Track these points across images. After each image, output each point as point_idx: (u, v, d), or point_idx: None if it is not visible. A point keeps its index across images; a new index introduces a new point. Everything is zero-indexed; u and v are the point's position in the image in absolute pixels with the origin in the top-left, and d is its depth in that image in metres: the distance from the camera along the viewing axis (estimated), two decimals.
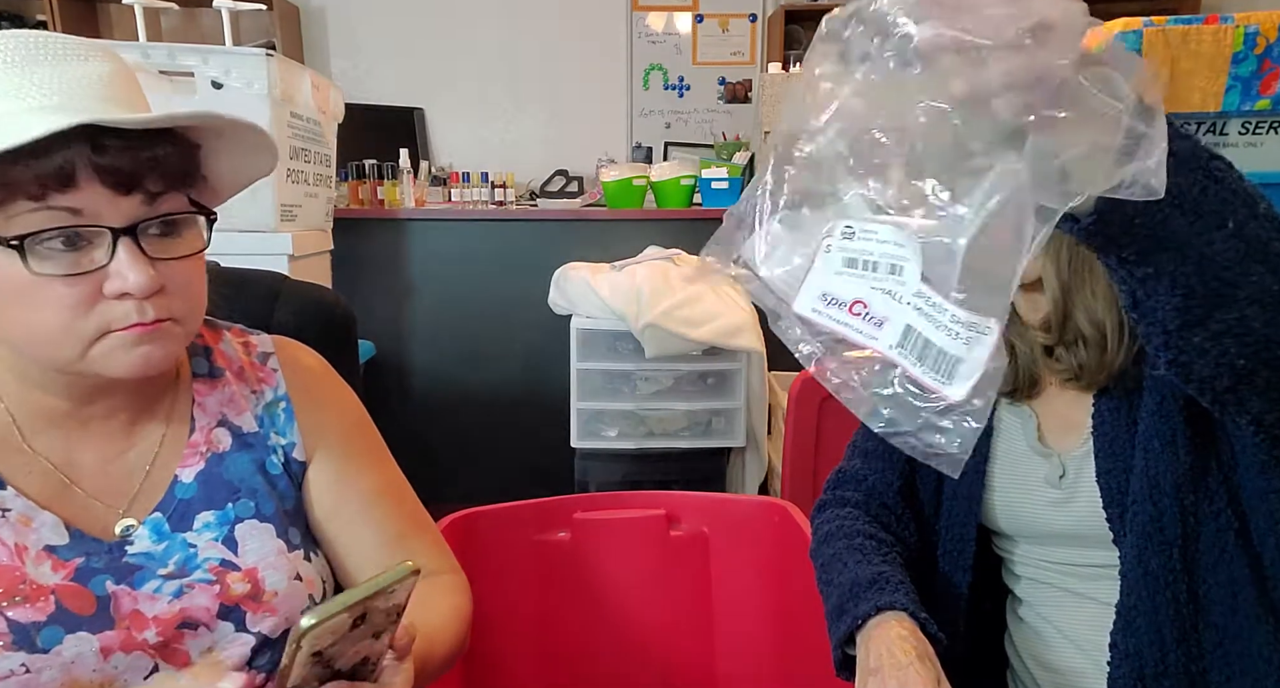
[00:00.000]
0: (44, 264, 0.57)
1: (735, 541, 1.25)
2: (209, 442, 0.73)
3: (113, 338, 0.61)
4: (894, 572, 0.80)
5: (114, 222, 0.59)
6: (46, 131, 0.53)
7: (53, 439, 0.67)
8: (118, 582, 0.65)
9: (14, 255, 0.56)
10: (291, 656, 0.50)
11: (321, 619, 0.49)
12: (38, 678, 0.60)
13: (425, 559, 0.79)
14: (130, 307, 0.60)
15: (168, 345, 0.64)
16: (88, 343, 0.60)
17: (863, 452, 0.95)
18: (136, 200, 0.60)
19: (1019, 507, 0.83)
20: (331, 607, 0.49)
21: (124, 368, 0.62)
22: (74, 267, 0.58)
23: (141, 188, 0.60)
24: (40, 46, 0.60)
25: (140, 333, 0.61)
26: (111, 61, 0.64)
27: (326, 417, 0.80)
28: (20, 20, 3.47)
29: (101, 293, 0.59)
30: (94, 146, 0.56)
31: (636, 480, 2.30)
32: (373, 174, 2.82)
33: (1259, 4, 1.79)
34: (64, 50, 0.60)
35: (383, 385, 2.69)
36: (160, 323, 0.62)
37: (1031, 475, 0.83)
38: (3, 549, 0.62)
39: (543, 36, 3.86)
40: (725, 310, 2.21)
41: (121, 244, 0.59)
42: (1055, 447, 0.82)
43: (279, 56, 1.82)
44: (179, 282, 0.63)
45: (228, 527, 0.70)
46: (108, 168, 0.57)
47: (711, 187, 2.70)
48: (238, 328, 0.81)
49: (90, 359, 0.61)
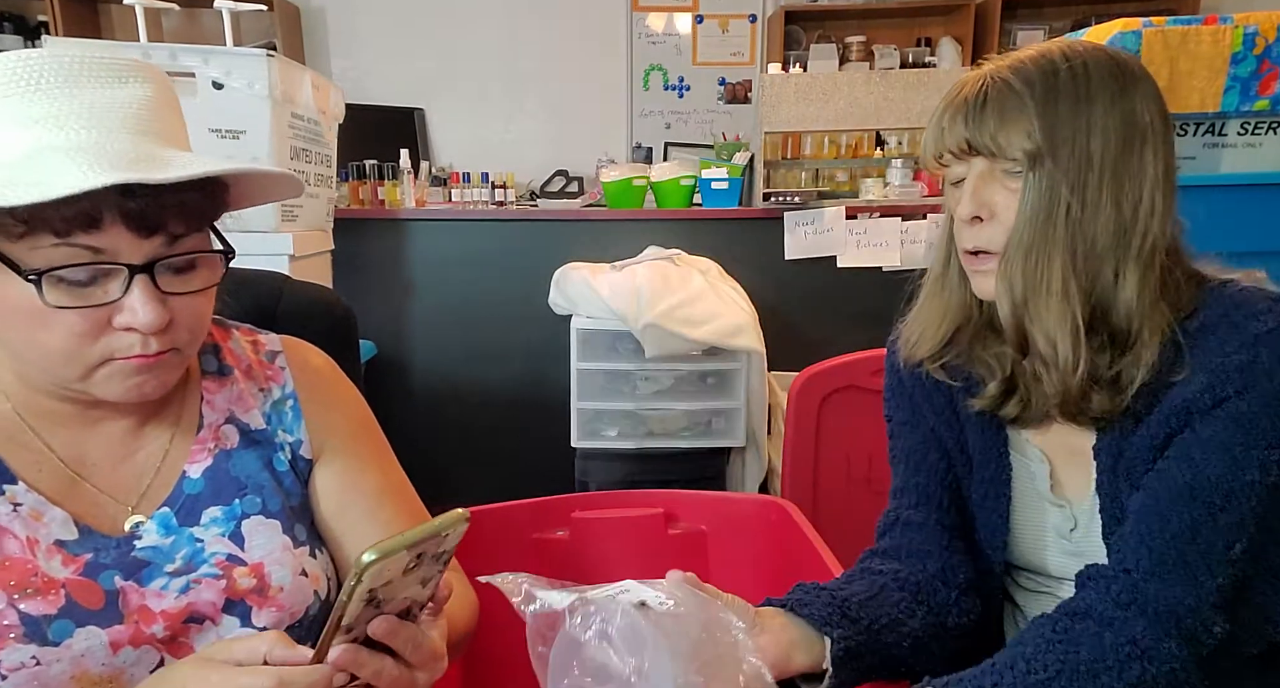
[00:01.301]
0: (58, 296, 0.58)
1: (734, 539, 1.25)
2: (217, 438, 0.74)
3: (114, 365, 0.62)
4: (842, 586, 0.78)
5: (132, 260, 0.59)
6: (79, 189, 0.53)
7: (63, 436, 0.68)
8: (126, 577, 0.66)
9: (27, 285, 0.57)
10: (350, 591, 0.50)
11: (384, 554, 0.49)
12: (48, 671, 0.60)
13: None
14: (135, 339, 0.61)
15: (163, 376, 0.65)
16: (90, 368, 0.62)
17: (894, 492, 0.92)
18: (157, 242, 0.61)
19: (1034, 554, 0.83)
20: (394, 544, 0.49)
21: (119, 394, 0.64)
22: (87, 299, 0.59)
23: (165, 230, 0.60)
24: (81, 68, 0.60)
25: (140, 364, 0.62)
26: (152, 83, 0.64)
27: (334, 416, 0.80)
28: (21, 20, 3.47)
29: (110, 323, 0.61)
30: (123, 191, 0.56)
31: (637, 480, 2.31)
32: (373, 174, 2.83)
33: (1258, 4, 1.79)
34: (105, 72, 0.61)
35: (383, 385, 2.70)
36: (162, 354, 0.63)
37: (1046, 523, 0.82)
38: (15, 543, 0.63)
39: (543, 37, 3.87)
40: (725, 310, 2.21)
41: (137, 281, 0.60)
42: (1067, 495, 0.81)
43: (279, 57, 1.83)
44: (187, 314, 0.64)
45: (234, 522, 0.71)
46: (134, 213, 0.58)
47: (711, 187, 2.70)
48: (246, 327, 0.82)
49: (90, 382, 0.63)
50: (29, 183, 0.54)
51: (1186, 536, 0.68)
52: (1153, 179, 0.70)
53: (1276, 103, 1.62)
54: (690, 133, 4.02)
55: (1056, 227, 0.70)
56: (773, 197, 2.69)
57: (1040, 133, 0.69)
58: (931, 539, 0.85)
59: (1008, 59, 0.74)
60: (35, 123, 0.58)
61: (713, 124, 4.00)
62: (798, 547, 1.12)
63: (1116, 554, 0.71)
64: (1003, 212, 0.73)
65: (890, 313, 0.94)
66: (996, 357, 0.80)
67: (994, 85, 0.72)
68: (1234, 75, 1.61)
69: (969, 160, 0.74)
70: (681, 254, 2.47)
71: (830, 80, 2.69)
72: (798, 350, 2.54)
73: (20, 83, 0.58)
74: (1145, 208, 0.70)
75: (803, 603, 0.75)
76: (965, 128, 0.72)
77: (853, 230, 2.64)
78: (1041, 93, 0.70)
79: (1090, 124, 0.69)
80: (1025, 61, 0.72)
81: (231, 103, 1.77)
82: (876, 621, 0.76)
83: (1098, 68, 0.71)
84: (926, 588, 0.82)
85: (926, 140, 0.77)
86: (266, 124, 1.81)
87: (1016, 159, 0.71)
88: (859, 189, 2.87)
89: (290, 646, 0.53)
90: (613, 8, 3.89)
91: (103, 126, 0.59)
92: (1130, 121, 0.70)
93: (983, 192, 0.73)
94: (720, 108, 4.02)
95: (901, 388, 0.91)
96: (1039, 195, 0.70)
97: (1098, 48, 0.73)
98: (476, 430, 2.77)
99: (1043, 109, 0.70)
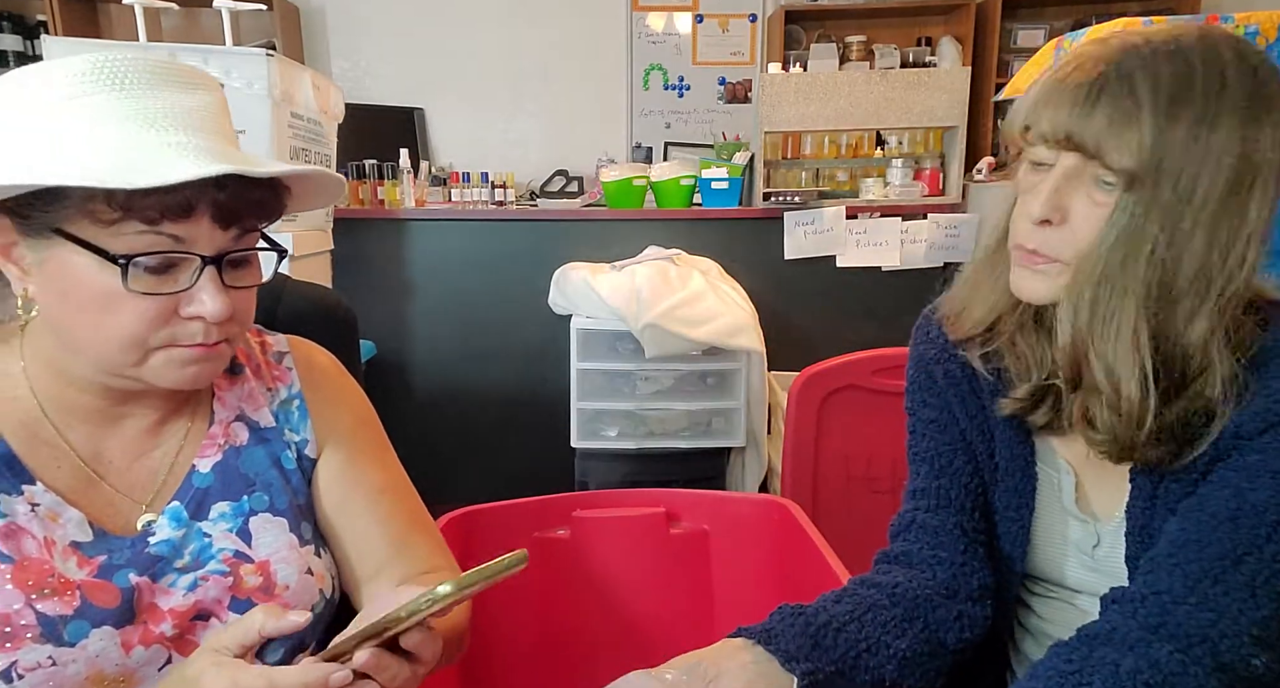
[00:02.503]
0: (138, 281, 0.61)
1: (735, 538, 1.25)
2: (227, 435, 0.75)
3: (173, 352, 0.64)
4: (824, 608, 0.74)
5: (206, 251, 0.62)
6: (195, 176, 0.57)
7: (82, 433, 0.69)
8: (140, 573, 0.67)
9: (112, 269, 0.60)
10: (410, 612, 0.51)
11: (460, 588, 0.50)
12: (63, 671, 0.61)
13: (427, 555, 0.80)
14: (198, 328, 0.64)
15: (215, 365, 0.68)
16: (148, 353, 0.64)
17: (910, 493, 0.88)
18: (232, 234, 0.64)
19: (1052, 566, 0.80)
20: (470, 579, 0.50)
21: (172, 381, 0.66)
22: (161, 286, 0.62)
23: (241, 224, 0.64)
24: (163, 72, 0.63)
25: (199, 353, 0.65)
26: (214, 91, 0.67)
27: (337, 413, 0.81)
28: (20, 20, 3.47)
29: (177, 312, 0.63)
30: (217, 185, 0.60)
31: (637, 480, 2.31)
32: (373, 174, 2.83)
33: (1259, 4, 1.79)
34: (181, 78, 0.64)
35: (383, 385, 2.70)
36: (218, 345, 0.66)
37: (1069, 537, 0.78)
38: (33, 542, 0.64)
39: (543, 36, 3.86)
40: (725, 310, 2.21)
41: (206, 272, 0.63)
42: (1095, 511, 0.77)
43: (279, 56, 1.83)
44: (241, 308, 0.67)
45: (242, 519, 0.72)
46: (223, 205, 0.61)
47: (711, 187, 2.70)
48: (254, 328, 0.82)
49: (144, 368, 0.64)
50: (139, 170, 0.57)
51: (1228, 561, 0.62)
52: (1253, 225, 0.62)
53: None
54: (690, 133, 4.02)
55: (1138, 262, 0.62)
56: (773, 196, 2.69)
57: (1149, 153, 0.61)
58: (947, 545, 0.81)
59: (1138, 37, 0.64)
60: (127, 119, 0.60)
61: (713, 124, 4.00)
62: (800, 547, 1.12)
63: (1145, 577, 0.66)
64: (1077, 221, 0.65)
65: (890, 312, 0.93)
66: (1038, 358, 0.74)
67: (1115, 79, 0.62)
68: None
69: (1060, 152, 0.65)
70: (681, 254, 2.47)
71: (830, 80, 2.69)
72: (798, 350, 2.54)
73: (108, 81, 0.60)
74: (1236, 257, 0.62)
75: (772, 635, 0.70)
76: (1070, 118, 0.63)
77: (853, 230, 2.64)
78: (1165, 105, 0.61)
79: (1206, 154, 0.60)
80: (1157, 55, 0.62)
81: (231, 102, 1.76)
82: (855, 646, 0.72)
83: (1235, 84, 0.61)
84: (926, 604, 0.78)
85: (1019, 109, 0.68)
86: (266, 124, 1.81)
87: (1114, 170, 0.62)
88: (859, 189, 2.87)
89: (278, 616, 0.56)
90: (613, 8, 3.89)
91: (188, 127, 0.62)
92: (1249, 157, 0.61)
93: (1064, 194, 0.65)
94: (720, 107, 4.02)
95: (932, 385, 0.85)
96: (1127, 222, 0.63)
97: (1241, 52, 0.63)
98: (476, 430, 2.77)
99: (1161, 126, 0.60)
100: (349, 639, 0.54)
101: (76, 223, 0.59)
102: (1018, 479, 0.81)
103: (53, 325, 0.65)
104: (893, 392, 1.76)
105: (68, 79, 0.60)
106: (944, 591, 0.79)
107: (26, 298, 0.64)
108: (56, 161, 0.58)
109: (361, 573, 0.78)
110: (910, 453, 0.88)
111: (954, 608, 0.78)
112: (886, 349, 1.83)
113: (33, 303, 0.64)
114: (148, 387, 0.66)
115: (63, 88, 0.60)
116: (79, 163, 0.57)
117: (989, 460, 0.83)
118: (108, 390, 0.68)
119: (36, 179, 0.57)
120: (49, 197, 0.58)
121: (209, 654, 0.56)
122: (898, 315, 2.63)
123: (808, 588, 0.89)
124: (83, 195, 0.58)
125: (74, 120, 0.59)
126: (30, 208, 0.59)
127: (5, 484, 0.64)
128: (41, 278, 0.62)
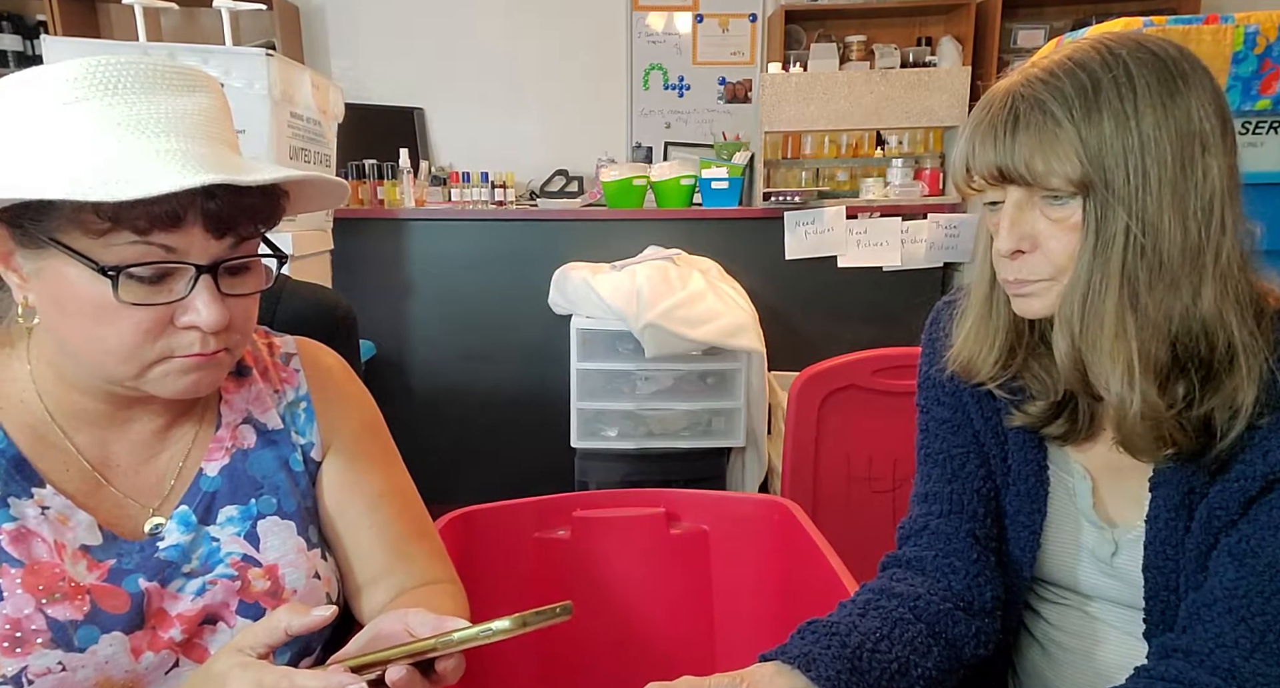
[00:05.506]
0: (130, 292, 0.60)
1: (735, 539, 1.25)
2: (234, 438, 0.74)
3: (172, 362, 0.63)
4: (847, 620, 0.73)
5: (200, 260, 0.61)
6: (180, 187, 0.55)
7: (89, 437, 0.69)
8: (150, 579, 0.66)
9: (104, 280, 0.59)
10: (463, 642, 0.54)
11: (519, 626, 0.53)
12: (73, 677, 0.61)
13: (426, 566, 0.80)
14: (195, 337, 0.63)
15: (216, 373, 0.67)
16: (148, 365, 0.63)
17: (921, 496, 0.86)
18: (226, 243, 0.63)
19: (1065, 571, 0.79)
20: (529, 620, 0.54)
21: (172, 391, 0.65)
22: (154, 296, 0.61)
23: (234, 232, 0.62)
24: (157, 75, 0.62)
25: (198, 362, 0.64)
26: (213, 92, 0.66)
27: (341, 415, 0.81)
28: (20, 19, 3.47)
29: (172, 322, 0.62)
30: (206, 193, 0.59)
31: (637, 480, 2.31)
32: (373, 174, 2.83)
33: (1259, 4, 1.79)
34: (178, 80, 0.63)
35: (383, 385, 2.69)
36: (216, 353, 0.65)
37: (1083, 543, 0.77)
38: (43, 546, 0.63)
39: (543, 36, 3.86)
40: (725, 310, 2.21)
41: (201, 281, 0.62)
42: (1113, 518, 0.76)
43: (279, 56, 1.82)
44: (240, 316, 0.66)
45: (250, 522, 0.72)
46: (213, 214, 0.60)
47: (711, 186, 2.70)
48: (261, 329, 0.82)
49: (144, 379, 0.64)
50: (126, 181, 0.55)
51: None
52: (1214, 187, 0.63)
53: (1278, 102, 1.62)
54: (690, 132, 4.02)
55: (1114, 257, 0.63)
56: (773, 196, 2.69)
57: (1087, 158, 0.62)
58: (960, 554, 0.80)
59: (1038, 67, 0.66)
60: (117, 126, 0.59)
61: (713, 124, 4.00)
62: (800, 547, 1.12)
63: (1208, 626, 0.65)
64: (1046, 242, 0.66)
65: (891, 312, 0.92)
66: (1052, 376, 0.75)
67: (1025, 104, 0.64)
68: (1235, 75, 1.60)
69: (1003, 186, 0.67)
70: (681, 254, 2.47)
71: (830, 80, 2.69)
72: (798, 350, 2.54)
73: (99, 87, 0.59)
74: (1216, 223, 0.63)
75: (811, 660, 0.68)
76: (995, 154, 0.65)
77: (853, 230, 2.64)
78: (1082, 111, 0.62)
79: (1142, 140, 0.62)
80: (1058, 72, 0.64)
81: (231, 102, 1.76)
82: (887, 668, 0.71)
83: (1143, 71, 0.63)
84: (946, 619, 0.76)
85: (955, 158, 0.70)
86: (266, 124, 1.81)
87: (1057, 188, 0.64)
88: (859, 189, 2.87)
89: (303, 613, 0.56)
90: (613, 7, 3.89)
91: (180, 132, 0.61)
92: (1186, 129, 0.62)
93: (1021, 223, 0.67)
94: (720, 107, 4.02)
95: (946, 383, 0.84)
96: (1096, 225, 0.63)
97: (1139, 44, 0.65)
98: (476, 430, 2.77)
99: (1085, 131, 0.62)
100: (382, 652, 0.55)
101: (68, 233, 0.58)
102: (1030, 483, 0.80)
103: (52, 334, 0.64)
104: (893, 392, 1.76)
105: (59, 85, 0.58)
106: (960, 603, 0.78)
107: (26, 306, 0.63)
108: (44, 172, 0.57)
109: (359, 580, 0.77)
110: (920, 452, 0.87)
111: (972, 624, 0.78)
112: (887, 349, 1.83)
113: (33, 311, 0.63)
114: (150, 395, 0.66)
115: (54, 94, 0.58)
116: (66, 174, 0.56)
117: (1001, 463, 0.82)
118: (112, 396, 0.67)
119: (23, 192, 0.56)
120: (39, 208, 0.57)
121: (234, 654, 0.56)
122: (898, 315, 2.64)
123: (808, 588, 0.88)
124: (72, 206, 0.57)
125: (64, 128, 0.58)
126: (22, 218, 0.58)
127: (16, 487, 0.64)
128: (38, 287, 0.62)
